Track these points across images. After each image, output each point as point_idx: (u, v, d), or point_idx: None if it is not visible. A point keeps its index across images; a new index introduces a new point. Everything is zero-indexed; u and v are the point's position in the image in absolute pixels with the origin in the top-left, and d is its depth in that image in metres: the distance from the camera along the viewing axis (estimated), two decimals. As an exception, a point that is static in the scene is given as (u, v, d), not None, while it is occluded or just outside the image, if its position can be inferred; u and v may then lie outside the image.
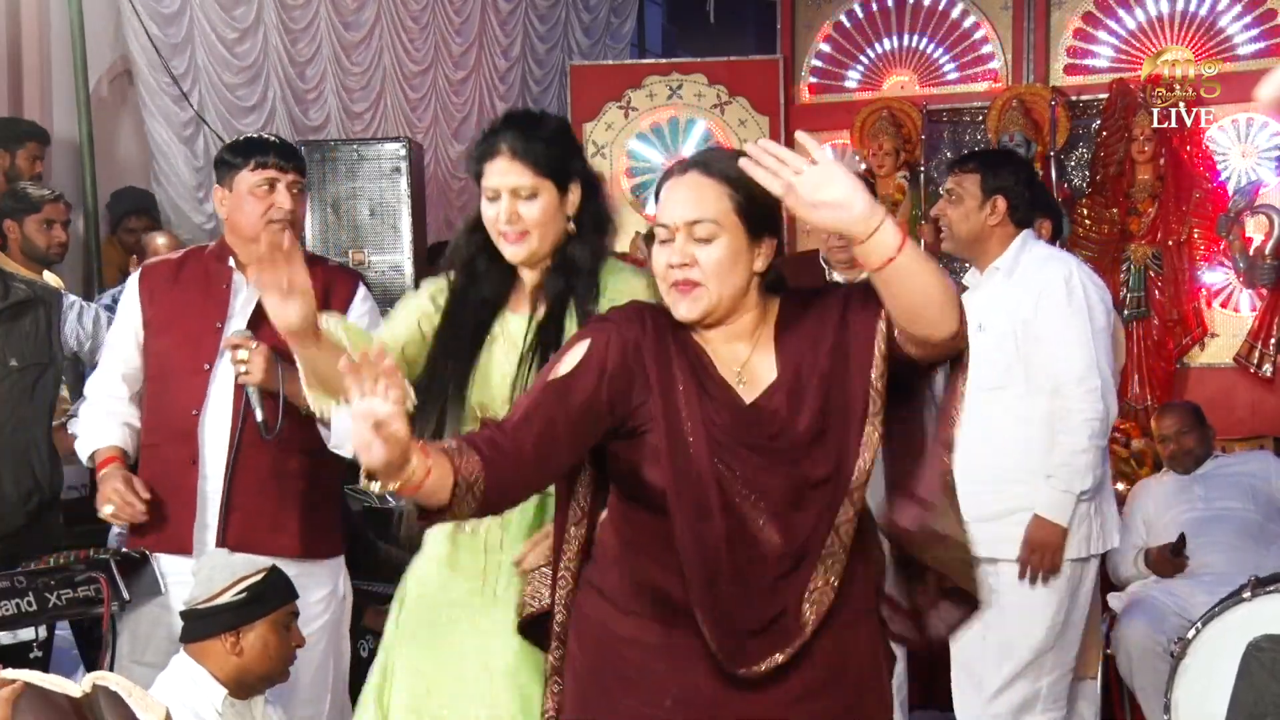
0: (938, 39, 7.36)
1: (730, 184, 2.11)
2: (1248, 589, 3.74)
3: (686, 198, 2.11)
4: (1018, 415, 3.59)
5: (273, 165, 3.22)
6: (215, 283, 3.30)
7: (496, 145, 2.51)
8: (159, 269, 3.43)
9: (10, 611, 3.04)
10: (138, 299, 3.37)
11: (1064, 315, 3.59)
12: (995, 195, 3.70)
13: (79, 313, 3.90)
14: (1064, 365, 3.57)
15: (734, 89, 7.55)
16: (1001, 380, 3.59)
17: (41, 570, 3.16)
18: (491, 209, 2.53)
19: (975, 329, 3.57)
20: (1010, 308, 3.63)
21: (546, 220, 2.52)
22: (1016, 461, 3.59)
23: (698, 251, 2.08)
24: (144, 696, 1.72)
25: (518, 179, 2.49)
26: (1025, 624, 3.60)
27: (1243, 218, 6.30)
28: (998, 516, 3.55)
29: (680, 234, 2.09)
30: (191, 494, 3.24)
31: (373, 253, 5.80)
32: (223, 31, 6.44)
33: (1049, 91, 6.86)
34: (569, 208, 2.55)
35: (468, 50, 7.87)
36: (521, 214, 2.50)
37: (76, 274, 5.76)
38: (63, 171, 5.81)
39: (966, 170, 3.77)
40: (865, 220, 1.96)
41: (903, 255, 1.97)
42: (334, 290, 3.29)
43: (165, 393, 3.30)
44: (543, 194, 2.51)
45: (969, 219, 3.71)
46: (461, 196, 7.87)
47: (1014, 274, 3.69)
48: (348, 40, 7.15)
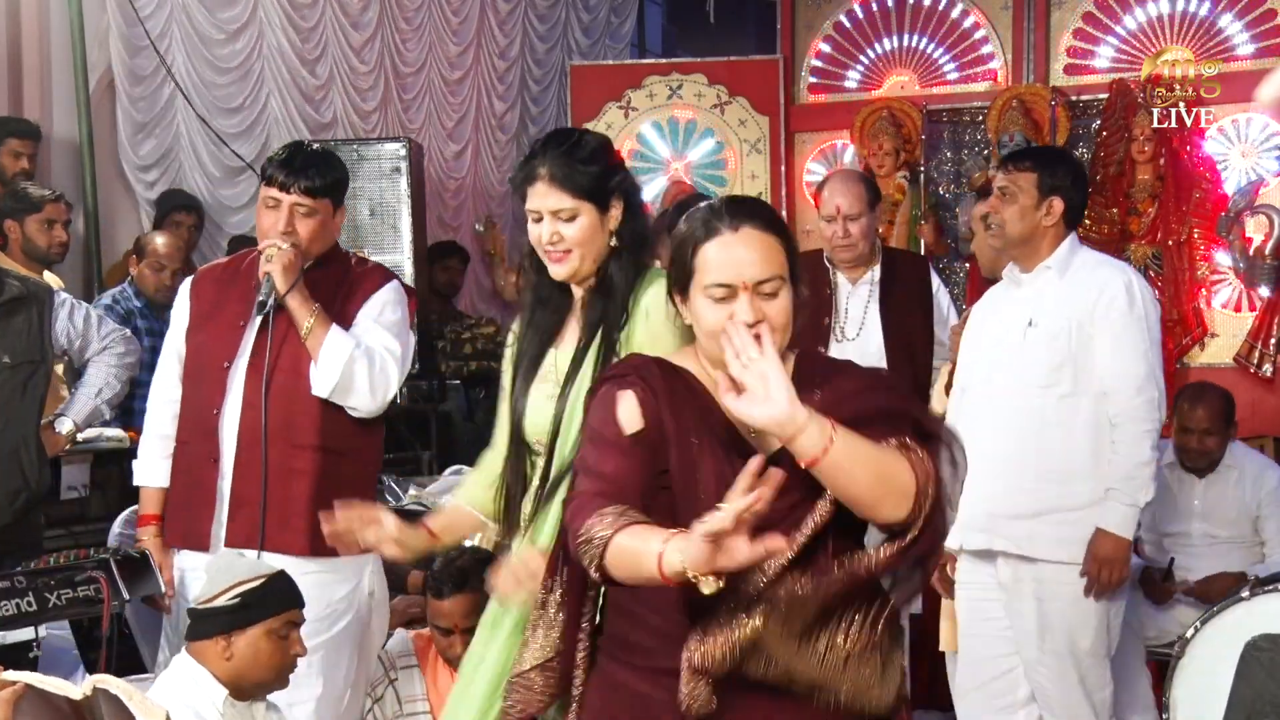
0: (938, 39, 7.36)
1: (782, 235, 2.17)
2: (1246, 588, 3.74)
3: (750, 258, 2.12)
4: (1062, 416, 3.54)
5: (277, 185, 3.25)
6: (248, 283, 3.35)
7: (535, 170, 2.58)
8: (210, 271, 3.54)
9: (10, 611, 3.04)
10: (189, 299, 3.44)
11: (1125, 322, 3.52)
12: (1052, 196, 3.62)
13: (70, 311, 3.90)
14: (1122, 374, 3.51)
15: (734, 89, 7.55)
16: (1050, 379, 3.54)
17: (41, 570, 3.17)
18: (536, 230, 2.60)
19: (1026, 325, 3.58)
20: (1064, 307, 3.56)
21: (588, 239, 2.58)
22: (1058, 462, 3.54)
23: (766, 307, 2.10)
24: (144, 700, 1.72)
25: (557, 202, 2.56)
26: (1075, 628, 3.57)
27: (1243, 218, 6.30)
28: (1034, 515, 3.54)
29: (746, 293, 2.10)
30: (211, 491, 3.28)
31: (373, 252, 5.79)
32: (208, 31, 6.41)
33: (1049, 91, 6.86)
34: (611, 223, 2.60)
35: (465, 50, 7.87)
36: (564, 234, 2.57)
37: (77, 274, 5.76)
38: (63, 171, 5.81)
39: (1022, 168, 3.67)
40: (785, 425, 1.97)
41: (828, 458, 1.97)
42: (357, 289, 3.35)
43: (194, 390, 3.36)
44: (583, 214, 2.57)
45: (1024, 219, 3.63)
46: (457, 197, 7.87)
47: (1066, 274, 3.62)
48: (356, 40, 7.14)
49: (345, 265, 3.43)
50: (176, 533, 3.36)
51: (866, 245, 4.31)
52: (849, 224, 4.25)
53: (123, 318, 5.00)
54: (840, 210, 4.24)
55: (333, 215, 3.34)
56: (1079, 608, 3.54)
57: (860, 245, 4.29)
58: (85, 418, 4.01)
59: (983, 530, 3.57)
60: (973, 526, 3.51)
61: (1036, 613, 3.56)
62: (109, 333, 3.99)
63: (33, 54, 5.81)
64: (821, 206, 4.37)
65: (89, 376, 3.97)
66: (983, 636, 3.70)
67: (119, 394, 4.04)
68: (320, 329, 3.24)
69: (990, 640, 3.69)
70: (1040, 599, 3.55)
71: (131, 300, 5.08)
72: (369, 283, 3.38)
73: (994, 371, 3.65)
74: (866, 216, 4.27)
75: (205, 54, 6.41)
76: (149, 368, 4.61)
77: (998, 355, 3.65)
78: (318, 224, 3.29)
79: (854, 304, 4.34)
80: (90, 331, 3.93)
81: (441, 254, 6.88)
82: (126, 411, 4.94)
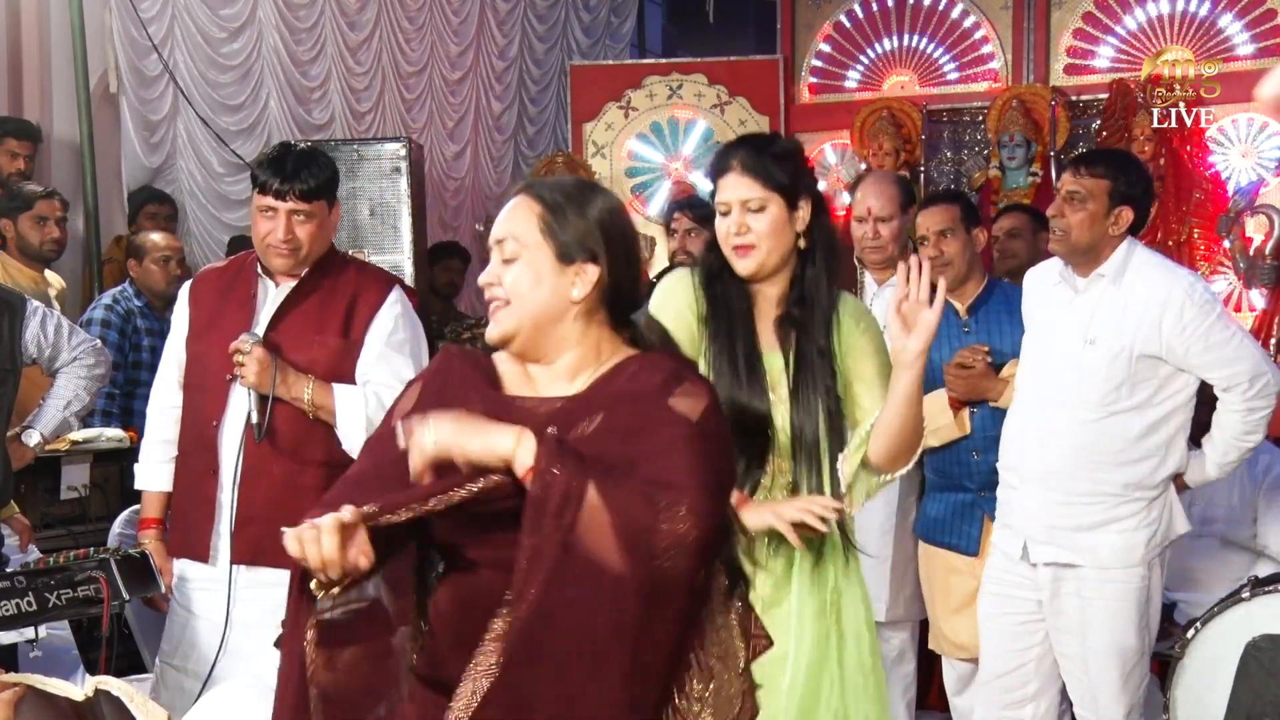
0: (938, 39, 7.37)
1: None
2: (1246, 589, 3.73)
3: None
4: (1118, 432, 3.48)
5: (271, 193, 3.20)
6: (246, 292, 3.32)
7: (729, 161, 2.64)
8: (208, 276, 3.48)
9: (10, 611, 3.03)
10: (188, 305, 3.40)
11: (1205, 327, 3.41)
12: (1123, 206, 3.46)
13: (42, 319, 3.79)
14: (1232, 374, 3.45)
15: (734, 89, 7.55)
16: (1110, 399, 3.47)
17: (41, 570, 3.15)
18: (723, 224, 2.63)
19: (1085, 342, 3.47)
20: (1124, 324, 3.46)
21: (775, 233, 2.61)
22: (1117, 475, 3.50)
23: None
24: (145, 701, 1.72)
25: (747, 192, 2.60)
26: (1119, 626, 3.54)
27: (1243, 218, 6.30)
28: (1093, 528, 3.50)
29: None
30: (211, 503, 3.26)
31: (372, 253, 5.78)
32: (209, 30, 6.42)
33: (1049, 91, 6.87)
34: (798, 224, 2.63)
35: (465, 50, 7.87)
36: (750, 226, 2.60)
37: (77, 274, 5.76)
38: (62, 171, 5.80)
39: (1094, 174, 3.49)
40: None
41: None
42: (361, 298, 3.30)
43: (194, 402, 3.33)
44: (771, 207, 2.61)
45: (1092, 227, 3.47)
46: (457, 197, 7.86)
47: (1120, 281, 3.49)
48: (353, 40, 7.14)
49: (344, 269, 3.36)
50: (177, 543, 3.35)
51: (896, 247, 4.28)
52: (880, 225, 4.22)
53: (123, 317, 5.00)
54: (872, 212, 4.22)
55: (329, 214, 3.30)
56: (1123, 607, 3.52)
57: (890, 247, 4.26)
58: (53, 430, 3.90)
59: (1046, 543, 3.55)
60: (1036, 539, 3.55)
61: (1079, 610, 3.54)
62: (79, 343, 3.89)
63: (33, 54, 5.81)
64: (854, 206, 4.36)
65: (57, 388, 3.87)
66: (1002, 631, 3.69)
67: (88, 406, 3.94)
68: (323, 397, 3.20)
69: (1008, 635, 3.67)
70: (1083, 596, 3.52)
71: (132, 300, 5.08)
72: (372, 292, 3.32)
73: (1052, 386, 3.57)
74: (898, 218, 4.25)
75: (207, 53, 6.41)
76: (150, 368, 4.62)
77: (1056, 370, 3.57)
78: (315, 227, 3.25)
79: (879, 305, 4.31)
80: (61, 341, 3.83)
81: (442, 254, 6.87)
82: (126, 412, 4.95)
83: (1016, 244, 4.88)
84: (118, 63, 6.04)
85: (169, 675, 3.36)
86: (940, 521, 4.08)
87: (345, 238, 5.83)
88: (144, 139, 6.21)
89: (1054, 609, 3.59)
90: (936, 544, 4.09)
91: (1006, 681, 3.71)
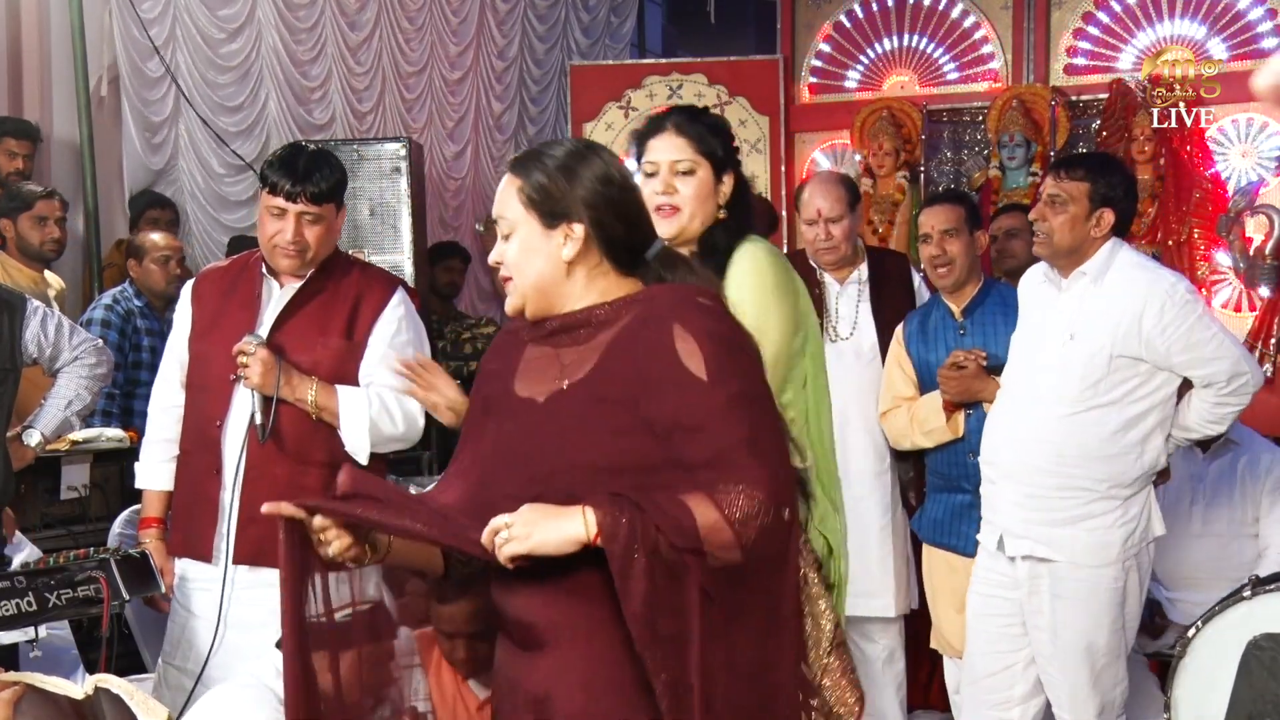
0: (938, 39, 7.36)
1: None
2: (1248, 588, 3.73)
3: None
4: (1093, 429, 3.51)
5: (282, 194, 3.20)
6: (250, 292, 3.32)
7: (663, 124, 2.70)
8: (210, 275, 3.47)
9: (10, 611, 3.03)
10: (190, 304, 3.40)
11: (1186, 325, 3.45)
12: (1104, 208, 3.51)
13: (42, 319, 3.78)
14: (1212, 372, 3.48)
15: (734, 89, 7.54)
16: (1085, 395, 3.50)
17: (41, 570, 3.15)
18: (649, 185, 2.66)
19: (1066, 338, 3.52)
20: (1103, 321, 3.50)
21: (699, 197, 2.66)
22: (1091, 470, 3.52)
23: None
24: (146, 699, 1.71)
25: (678, 154, 2.66)
26: (1090, 626, 3.57)
27: (1243, 218, 6.30)
28: (1067, 523, 3.52)
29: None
30: (213, 503, 3.26)
31: (373, 253, 5.78)
32: (209, 30, 6.41)
33: (1049, 91, 6.86)
34: (721, 196, 2.67)
35: (465, 50, 7.86)
36: (678, 188, 2.65)
37: (77, 275, 5.76)
38: (62, 172, 5.80)
39: (1074, 177, 3.55)
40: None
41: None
42: (365, 300, 3.31)
43: (197, 401, 3.33)
44: (700, 171, 2.66)
45: (1073, 230, 3.52)
46: (457, 197, 7.86)
47: (1102, 280, 3.54)
48: (353, 40, 7.14)
49: (348, 270, 3.37)
50: (178, 542, 3.35)
51: (849, 246, 4.33)
52: (830, 226, 4.26)
53: (123, 317, 5.00)
54: (821, 213, 4.26)
55: (336, 217, 3.30)
56: (1094, 605, 3.54)
57: (843, 247, 4.30)
58: (54, 430, 3.89)
59: (1022, 537, 3.59)
60: (1012, 533, 3.59)
61: (1051, 609, 3.56)
62: (81, 342, 3.87)
63: (33, 54, 5.81)
64: (802, 209, 4.37)
65: (59, 388, 3.86)
66: (988, 632, 3.71)
67: (89, 405, 3.93)
68: (327, 399, 3.21)
69: (994, 636, 3.70)
70: (1056, 595, 3.55)
71: (132, 300, 5.08)
72: (376, 294, 3.33)
73: (1032, 382, 3.62)
74: (848, 218, 4.29)
75: (206, 53, 6.41)
76: (150, 368, 4.62)
77: (1037, 365, 3.61)
78: (324, 229, 3.25)
79: (844, 304, 4.35)
80: (62, 340, 3.82)
81: (442, 254, 6.87)
82: (126, 411, 4.95)
83: (1015, 244, 4.88)
84: (118, 64, 6.04)
85: (170, 675, 3.36)
86: (940, 522, 4.11)
87: (345, 238, 5.82)
88: (146, 141, 6.20)
89: (1031, 606, 3.62)
90: (937, 545, 4.12)
91: (993, 682, 3.73)
